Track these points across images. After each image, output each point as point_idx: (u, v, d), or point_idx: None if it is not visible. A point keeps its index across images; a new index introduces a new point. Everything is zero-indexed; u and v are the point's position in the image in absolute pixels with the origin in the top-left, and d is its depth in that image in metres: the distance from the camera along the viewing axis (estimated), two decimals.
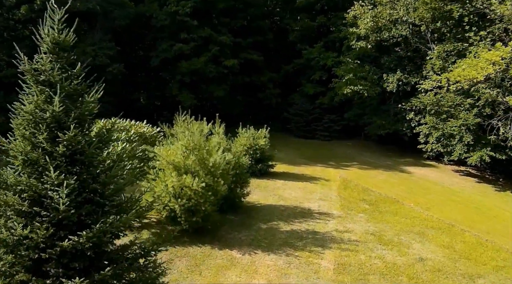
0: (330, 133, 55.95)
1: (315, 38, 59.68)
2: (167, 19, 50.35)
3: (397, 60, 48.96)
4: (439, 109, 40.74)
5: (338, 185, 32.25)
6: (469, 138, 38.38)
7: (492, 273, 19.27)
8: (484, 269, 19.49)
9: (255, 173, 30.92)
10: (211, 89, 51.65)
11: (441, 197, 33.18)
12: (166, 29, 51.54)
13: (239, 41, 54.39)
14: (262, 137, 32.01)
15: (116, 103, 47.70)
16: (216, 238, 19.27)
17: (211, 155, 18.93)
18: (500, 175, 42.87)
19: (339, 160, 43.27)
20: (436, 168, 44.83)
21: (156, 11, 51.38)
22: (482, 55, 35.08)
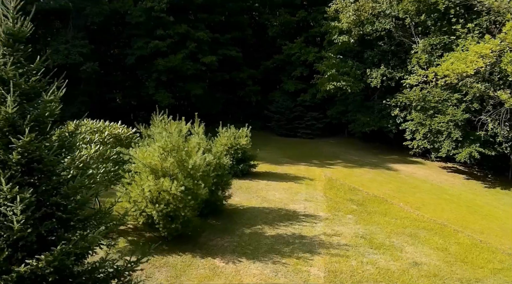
0: (313, 131, 54.72)
1: (295, 33, 58.71)
2: (142, 16, 48.60)
3: (381, 54, 47.82)
4: (426, 105, 39.74)
5: (324, 184, 30.92)
6: (458, 135, 37.46)
7: (490, 276, 18.13)
8: (482, 273, 18.35)
9: (236, 174, 29.57)
10: (188, 87, 50.17)
11: (431, 195, 32.11)
12: (141, 26, 49.82)
13: (217, 37, 52.81)
14: (244, 137, 30.66)
15: (91, 104, 46.40)
16: (197, 245, 17.79)
17: (190, 156, 17.58)
18: (488, 171, 41.94)
19: (323, 158, 41.99)
20: (423, 165, 43.89)
21: (131, 7, 49.67)
22: (471, 48, 34.09)
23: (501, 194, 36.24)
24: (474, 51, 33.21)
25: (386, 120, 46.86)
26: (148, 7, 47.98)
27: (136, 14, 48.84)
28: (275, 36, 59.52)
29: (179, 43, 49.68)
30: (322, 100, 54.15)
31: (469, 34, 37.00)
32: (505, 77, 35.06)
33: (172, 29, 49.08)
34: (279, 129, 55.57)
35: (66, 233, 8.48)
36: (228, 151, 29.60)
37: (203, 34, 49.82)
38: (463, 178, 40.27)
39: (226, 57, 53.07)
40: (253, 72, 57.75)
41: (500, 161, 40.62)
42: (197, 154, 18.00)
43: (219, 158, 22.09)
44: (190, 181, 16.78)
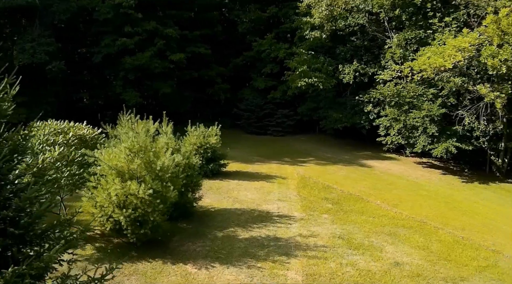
0: (283, 129, 53.76)
1: (266, 29, 57.78)
2: (110, 12, 47.36)
3: (353, 50, 47.08)
4: (400, 100, 39.12)
5: (297, 183, 29.94)
6: (434, 130, 36.90)
7: (475, 274, 17.45)
8: (466, 271, 17.61)
9: (206, 174, 28.51)
10: (157, 86, 49.04)
11: (408, 192, 31.45)
12: (109, 23, 48.53)
13: (186, 34, 51.74)
14: (213, 135, 29.58)
15: (57, 104, 45.18)
16: (168, 251, 16.70)
17: (158, 157, 16.62)
18: (465, 165, 41.51)
19: (294, 156, 41.08)
20: (397, 161, 43.23)
21: (99, 3, 48.34)
22: (448, 42, 33.59)
23: (480, 189, 35.80)
24: (452, 45, 32.67)
25: (359, 116, 46.12)
26: (116, 4, 46.70)
27: (104, 10, 47.55)
28: (245, 33, 58.58)
29: (147, 40, 48.53)
30: (293, 97, 53.30)
31: (447, 28, 36.59)
32: (483, 71, 34.73)
33: (140, 26, 47.93)
34: (249, 127, 54.58)
35: (20, 252, 7.50)
36: (197, 150, 28.58)
37: (172, 31, 48.78)
38: (440, 173, 39.68)
39: (195, 54, 51.94)
40: (222, 70, 56.64)
41: (477, 155, 40.15)
42: (165, 155, 17.05)
43: (188, 158, 21.11)
44: (158, 183, 15.85)
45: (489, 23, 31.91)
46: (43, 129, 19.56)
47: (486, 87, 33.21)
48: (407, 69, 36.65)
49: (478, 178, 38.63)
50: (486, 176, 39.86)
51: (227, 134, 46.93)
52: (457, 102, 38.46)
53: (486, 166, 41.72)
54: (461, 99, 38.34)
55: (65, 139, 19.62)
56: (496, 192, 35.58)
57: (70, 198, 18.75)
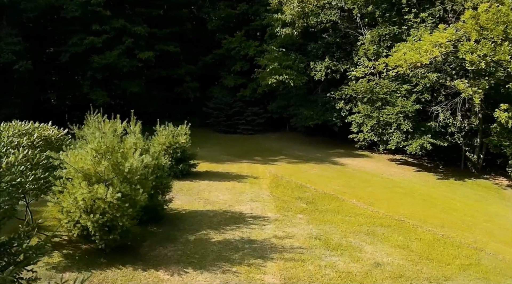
0: (253, 127, 53.13)
1: (235, 27, 57.16)
2: (78, 10, 45.92)
3: (325, 47, 46.40)
4: (373, 97, 38.63)
5: (269, 182, 29.05)
6: (408, 126, 36.46)
7: (459, 273, 16.84)
8: (450, 270, 16.99)
9: (176, 175, 27.50)
10: (125, 85, 47.94)
11: (383, 189, 30.85)
12: (77, 22, 47.15)
13: (155, 32, 50.82)
14: (183, 135, 28.58)
15: (24, 105, 43.92)
16: (138, 257, 15.66)
17: (126, 158, 15.71)
18: (439, 162, 41.40)
19: (265, 154, 40.27)
20: (370, 158, 42.74)
21: (67, 1, 46.83)
22: (425, 38, 33.14)
23: (456, 185, 35.46)
24: (429, 41, 32.23)
25: (331, 113, 45.46)
26: (85, 1, 45.48)
27: (72, 8, 45.99)
28: (214, 31, 57.75)
29: (116, 38, 47.36)
30: (263, 95, 52.61)
31: (422, 24, 36.22)
32: (459, 66, 34.46)
33: (108, 24, 46.77)
34: (218, 126, 53.66)
35: None
36: (166, 150, 27.60)
37: (141, 29, 47.68)
38: (414, 170, 39.24)
39: (164, 52, 50.98)
40: (191, 68, 55.71)
41: (452, 152, 39.83)
42: (134, 156, 16.16)
43: (157, 158, 20.22)
44: (127, 186, 14.97)
45: (467, 18, 31.51)
46: (7, 131, 18.56)
47: (464, 82, 32.87)
48: (381, 65, 36.17)
49: (454, 174, 38.33)
50: (461, 172, 39.56)
51: (196, 134, 45.73)
52: (432, 98, 38.16)
53: (461, 162, 41.44)
54: (436, 95, 38.08)
55: (30, 141, 18.67)
56: (472, 188, 35.27)
57: (37, 203, 17.67)
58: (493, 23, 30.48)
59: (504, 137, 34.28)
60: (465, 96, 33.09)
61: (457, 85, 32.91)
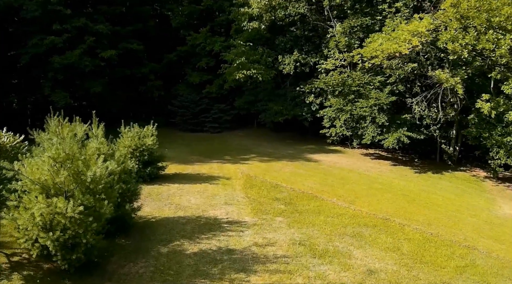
0: (220, 125, 51.23)
1: (200, 23, 55.21)
2: (38, 10, 43.41)
3: (293, 40, 45.00)
4: (345, 90, 37.46)
5: (243, 183, 27.33)
6: (383, 119, 35.36)
7: (457, 277, 15.80)
8: (446, 274, 15.89)
9: (144, 179, 25.76)
10: (87, 85, 45.65)
11: (362, 186, 29.59)
12: (37, 22, 44.73)
13: (118, 30, 48.68)
14: (149, 136, 26.81)
15: None
16: (106, 275, 13.93)
17: (89, 166, 13.97)
18: (414, 155, 40.44)
19: (235, 153, 38.61)
20: (343, 154, 41.35)
21: (26, 1, 44.22)
22: (403, 27, 31.99)
23: (435, 179, 34.62)
24: (407, 30, 31.09)
25: (300, 108, 44.09)
26: (45, 0, 43.33)
27: (32, 8, 43.49)
28: (179, 27, 55.81)
29: (77, 38, 45.03)
30: (229, 91, 51.06)
31: (398, 14, 35.05)
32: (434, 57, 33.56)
33: (69, 23, 44.46)
34: (184, 124, 51.74)
35: None
36: (133, 153, 25.83)
37: (102, 27, 45.50)
38: (390, 164, 38.14)
39: (127, 51, 48.86)
40: (155, 66, 53.55)
41: (426, 144, 38.86)
42: (97, 162, 14.51)
43: (123, 163, 18.54)
44: (90, 197, 13.23)
45: (448, 6, 30.45)
46: None
47: (445, 72, 31.76)
48: (357, 57, 34.80)
49: (430, 167, 37.54)
50: (437, 165, 38.93)
51: (162, 133, 44.01)
52: (406, 89, 37.11)
53: (436, 154, 40.70)
54: (410, 87, 37.09)
55: None
56: (451, 181, 34.56)
57: None
58: (475, 11, 29.34)
59: (483, 128, 33.28)
60: (447, 86, 31.91)
61: (438, 76, 31.76)
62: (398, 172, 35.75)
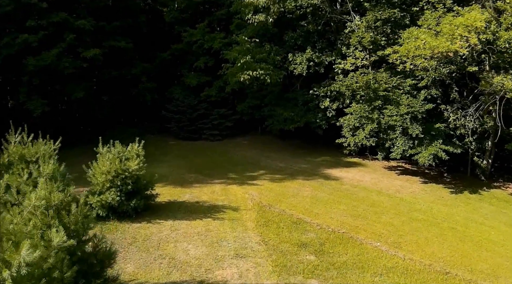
0: (221, 132, 45.60)
1: (197, 17, 49.65)
2: (10, 4, 37.54)
3: (304, 36, 39.10)
4: (370, 94, 31.74)
5: (255, 217, 21.39)
6: (418, 131, 29.70)
7: None
8: None
9: (128, 214, 20.23)
10: (68, 90, 39.65)
11: (401, 217, 24.21)
12: (9, 18, 38.81)
13: (103, 26, 42.25)
14: (134, 158, 20.83)
15: None
16: None
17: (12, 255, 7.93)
18: (441, 168, 35.32)
19: (240, 168, 33.02)
20: (364, 167, 35.90)
21: None
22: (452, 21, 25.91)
23: (474, 200, 29.71)
24: (461, 24, 25.00)
25: (314, 114, 38.47)
26: None
27: (3, 3, 37.53)
28: (173, 23, 49.92)
29: (55, 35, 38.92)
30: (231, 94, 45.84)
31: (439, 4, 28.92)
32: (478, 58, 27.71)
33: (46, 19, 38.44)
34: (180, 131, 45.94)
35: None
36: (113, 181, 20.04)
37: (84, 23, 39.02)
38: (419, 181, 32.84)
39: (114, 49, 42.55)
40: (147, 67, 47.40)
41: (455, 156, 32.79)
42: (33, 240, 8.42)
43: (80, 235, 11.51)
44: None
45: None
46: None
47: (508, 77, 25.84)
48: (394, 55, 28.61)
49: (463, 184, 32.89)
50: (469, 180, 34.21)
51: (155, 142, 40.28)
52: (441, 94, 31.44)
53: (467, 168, 35.50)
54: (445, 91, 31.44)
55: None
56: (493, 203, 29.78)
57: None
58: None
59: None
60: None
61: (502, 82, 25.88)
62: (432, 192, 30.47)
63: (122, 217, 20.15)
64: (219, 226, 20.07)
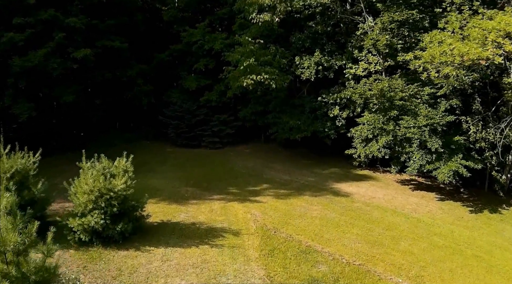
0: (221, 139, 42.93)
1: (197, 16, 47.15)
2: None
3: (312, 38, 36.30)
4: (385, 104, 29.13)
5: (258, 244, 18.74)
6: (437, 144, 27.01)
7: None
8: None
9: (114, 239, 17.62)
10: (56, 93, 37.05)
11: (420, 243, 21.64)
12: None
13: (96, 24, 39.46)
14: (120, 175, 18.05)
15: None
16: None
17: None
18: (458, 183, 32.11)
19: (242, 181, 30.42)
20: (376, 181, 33.30)
21: None
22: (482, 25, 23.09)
23: (496, 221, 27.19)
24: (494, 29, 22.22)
25: (322, 122, 35.92)
26: None
27: None
28: (171, 22, 47.29)
29: (43, 34, 36.27)
30: (232, 99, 43.17)
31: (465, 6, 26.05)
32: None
33: (33, 16, 35.80)
34: (178, 138, 43.27)
35: None
36: (96, 202, 17.32)
37: (75, 21, 36.26)
38: (436, 198, 30.19)
39: (108, 49, 39.82)
40: (144, 68, 44.59)
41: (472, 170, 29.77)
42: None
43: None
44: None
45: None
46: None
47: None
48: (415, 62, 25.82)
49: (481, 201, 30.41)
50: (487, 196, 31.72)
51: (151, 149, 39.07)
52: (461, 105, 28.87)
53: (485, 183, 32.83)
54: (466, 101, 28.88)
55: None
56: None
57: None
58: None
59: None
60: None
61: None
62: (450, 212, 27.86)
63: (108, 242, 17.57)
64: (218, 256, 17.42)
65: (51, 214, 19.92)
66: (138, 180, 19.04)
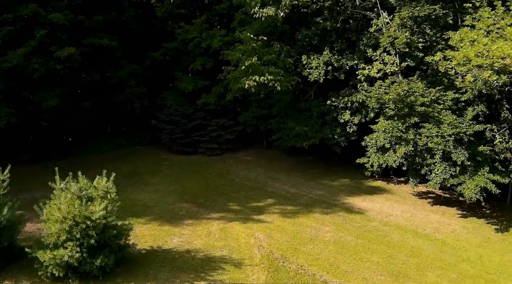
0: (220, 145, 39.87)
1: (194, 12, 44.66)
2: None
3: (320, 35, 33.07)
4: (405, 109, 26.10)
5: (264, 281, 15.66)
6: (463, 156, 23.91)
7: None
8: None
9: (92, 275, 14.66)
10: (39, 97, 34.00)
11: (449, 273, 19.02)
12: None
13: (82, 21, 36.63)
14: (99, 200, 15.10)
15: None
16: None
17: None
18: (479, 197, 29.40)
19: (243, 196, 27.47)
20: (391, 194, 30.31)
21: None
22: None
23: None
24: None
25: (331, 128, 32.91)
26: None
27: None
28: (166, 18, 44.40)
29: (23, 32, 33.59)
30: (232, 101, 40.25)
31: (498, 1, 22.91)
32: None
33: (12, 12, 32.91)
34: (173, 144, 40.24)
35: None
36: (70, 232, 14.27)
37: (58, 16, 33.37)
38: (457, 215, 27.29)
39: (96, 48, 37.22)
40: (136, 69, 41.75)
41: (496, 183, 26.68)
42: None
43: None
44: None
45: None
46: None
47: None
48: (445, 63, 22.60)
49: (505, 217, 27.94)
50: (510, 211, 29.19)
51: (144, 157, 36.87)
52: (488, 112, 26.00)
53: (508, 196, 30.03)
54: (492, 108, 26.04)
55: None
56: None
57: None
58: None
59: None
60: None
61: None
62: (475, 231, 24.97)
63: (86, 278, 14.51)
64: None
65: (26, 238, 17.23)
66: (127, 194, 16.41)
